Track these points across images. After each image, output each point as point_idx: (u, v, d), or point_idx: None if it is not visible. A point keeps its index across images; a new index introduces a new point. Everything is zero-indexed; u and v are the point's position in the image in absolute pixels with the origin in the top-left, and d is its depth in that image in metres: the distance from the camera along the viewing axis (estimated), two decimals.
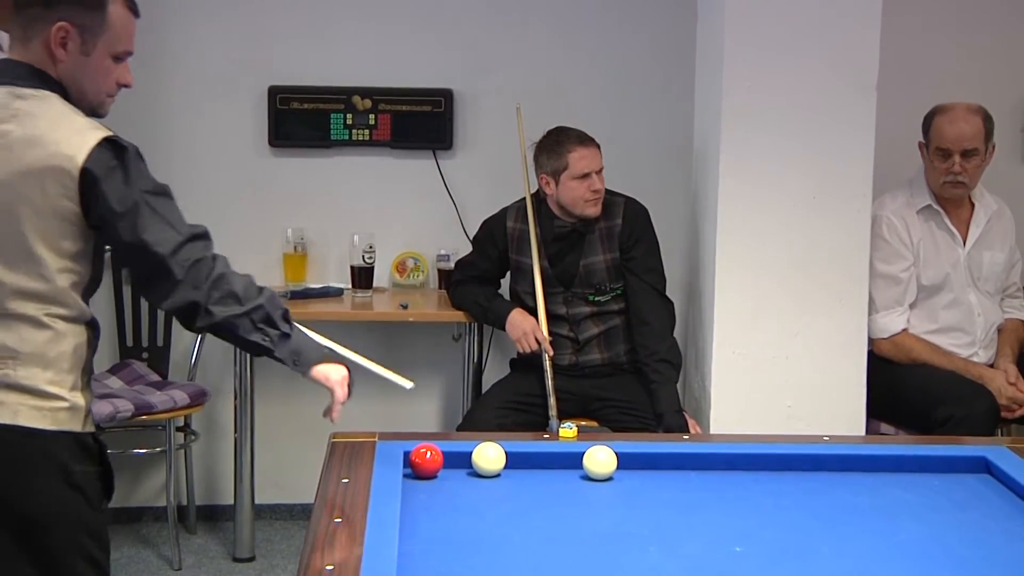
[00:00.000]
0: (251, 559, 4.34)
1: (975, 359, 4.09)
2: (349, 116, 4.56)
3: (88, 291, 2.37)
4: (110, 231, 2.29)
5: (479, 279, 4.21)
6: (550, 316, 4.02)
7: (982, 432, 3.71)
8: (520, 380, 4.09)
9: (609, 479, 2.59)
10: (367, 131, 4.58)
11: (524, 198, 4.12)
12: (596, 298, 4.06)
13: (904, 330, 4.07)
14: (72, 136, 2.26)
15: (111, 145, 2.27)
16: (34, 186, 2.24)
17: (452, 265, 4.43)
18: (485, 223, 4.22)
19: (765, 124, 3.76)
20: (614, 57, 4.61)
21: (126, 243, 2.28)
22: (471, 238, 4.36)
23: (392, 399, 4.76)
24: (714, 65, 3.87)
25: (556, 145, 3.99)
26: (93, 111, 2.38)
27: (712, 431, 3.82)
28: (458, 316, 4.27)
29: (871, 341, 4.02)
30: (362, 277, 4.49)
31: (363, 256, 4.47)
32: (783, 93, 3.75)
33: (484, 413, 3.97)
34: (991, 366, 4.09)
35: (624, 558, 2.20)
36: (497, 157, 4.52)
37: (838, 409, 3.82)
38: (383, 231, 4.54)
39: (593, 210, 3.99)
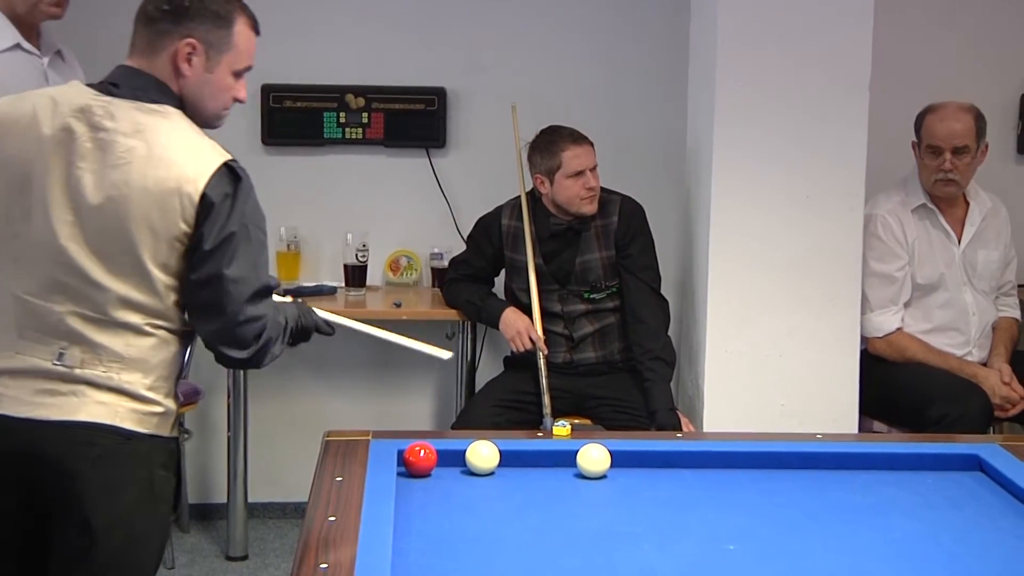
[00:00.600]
0: (244, 558, 4.33)
1: (969, 358, 4.10)
2: (342, 114, 4.56)
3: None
4: (199, 255, 2.29)
5: (473, 277, 4.20)
6: (545, 313, 4.02)
7: (975, 431, 3.71)
8: (514, 378, 4.10)
9: (603, 477, 2.59)
10: (360, 129, 4.58)
11: (519, 196, 4.12)
12: (591, 296, 4.06)
13: (899, 329, 4.07)
14: (194, 158, 2.29)
15: (229, 172, 2.31)
16: (154, 205, 2.27)
17: (445, 263, 4.43)
18: (480, 220, 4.22)
19: (758, 123, 3.76)
20: (607, 55, 4.61)
21: (208, 271, 2.29)
22: (465, 236, 4.36)
23: (386, 398, 4.78)
24: (707, 64, 3.88)
25: (549, 144, 3.99)
26: (208, 124, 2.43)
27: (705, 429, 3.83)
28: (451, 315, 4.27)
29: (865, 340, 4.03)
30: (355, 275, 4.49)
31: (356, 254, 4.46)
32: (776, 92, 3.76)
33: (478, 411, 3.97)
34: (985, 365, 4.10)
35: (618, 556, 2.20)
36: (490, 155, 4.52)
37: (831, 407, 3.83)
38: (376, 229, 4.54)
39: (589, 208, 3.99)
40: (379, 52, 4.57)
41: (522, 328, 3.99)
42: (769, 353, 3.83)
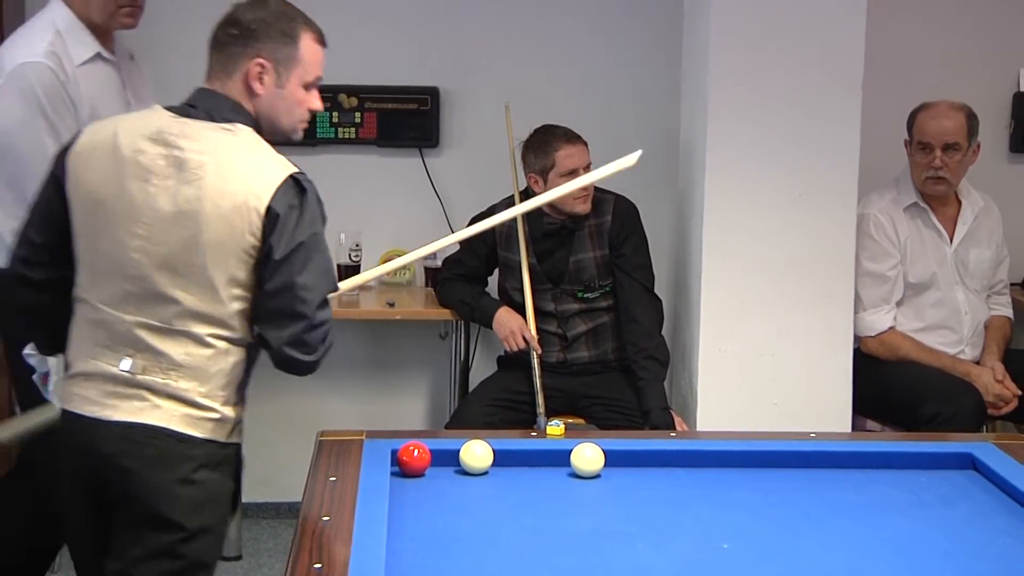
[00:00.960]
0: (238, 558, 4.33)
1: (962, 356, 4.10)
2: (335, 114, 4.55)
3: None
4: (271, 266, 2.38)
5: (466, 277, 4.20)
6: (538, 313, 4.02)
7: (968, 430, 3.72)
8: (507, 378, 4.09)
9: (596, 476, 2.59)
10: (353, 129, 4.57)
11: (513, 195, 4.12)
12: (585, 295, 4.06)
13: (891, 328, 4.08)
14: (261, 173, 2.40)
15: (294, 184, 2.41)
16: (223, 220, 2.37)
17: (439, 263, 4.42)
18: (474, 220, 4.21)
19: (751, 122, 3.76)
20: (601, 55, 4.61)
21: (280, 280, 2.38)
22: None
23: (379, 398, 4.78)
24: (700, 63, 3.88)
25: (543, 144, 3.99)
26: (286, 137, 2.55)
27: (699, 428, 3.83)
28: (445, 314, 4.26)
29: (858, 339, 4.03)
30: (348, 275, 4.45)
31: (349, 254, 4.46)
32: (769, 91, 3.76)
33: (471, 411, 3.97)
34: (978, 363, 4.10)
35: (612, 555, 2.20)
36: (484, 155, 4.52)
37: (824, 406, 3.83)
38: (370, 229, 4.53)
39: (583, 207, 3.99)
40: (372, 52, 4.57)
41: (515, 328, 3.99)
42: (762, 352, 3.83)
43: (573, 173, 3.94)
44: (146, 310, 2.40)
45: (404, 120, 4.57)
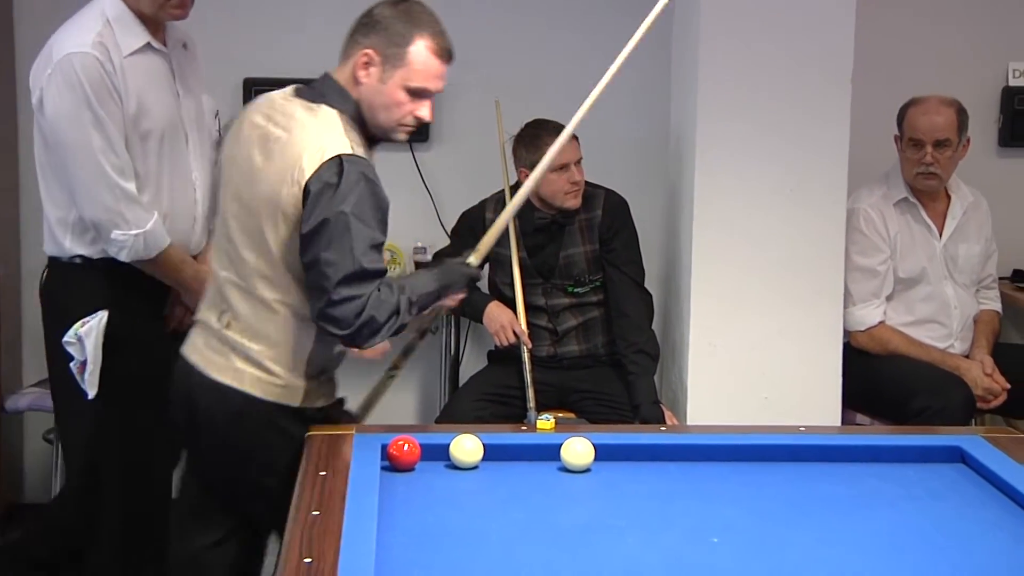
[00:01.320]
0: None
1: (951, 351, 4.12)
2: None
3: None
4: (302, 239, 2.54)
5: None
6: (529, 307, 4.02)
7: (958, 423, 3.73)
8: (498, 372, 4.10)
9: (586, 471, 2.59)
10: None
11: (503, 190, 4.12)
12: (575, 290, 4.06)
13: (881, 322, 4.09)
14: (315, 149, 2.54)
15: (337, 162, 2.52)
16: (278, 188, 2.55)
17: (429, 258, 4.42)
18: (464, 215, 4.22)
19: (741, 117, 3.77)
20: (590, 50, 4.59)
21: (309, 255, 2.53)
22: (448, 230, 4.35)
23: (367, 391, 4.76)
24: (690, 58, 3.88)
25: (534, 138, 3.99)
26: (384, 135, 2.70)
27: (689, 422, 3.84)
28: None
29: (848, 333, 4.04)
30: None
31: None
32: (759, 86, 3.77)
33: (462, 405, 3.98)
34: (967, 357, 4.11)
35: (602, 549, 2.20)
36: (473, 150, 4.52)
37: (814, 400, 3.84)
38: None
39: (573, 202, 3.99)
40: None
41: (506, 322, 3.99)
42: (752, 346, 3.84)
43: (564, 168, 3.94)
44: (232, 268, 2.65)
45: None
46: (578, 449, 2.59)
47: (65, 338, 3.11)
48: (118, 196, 3.07)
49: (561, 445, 2.60)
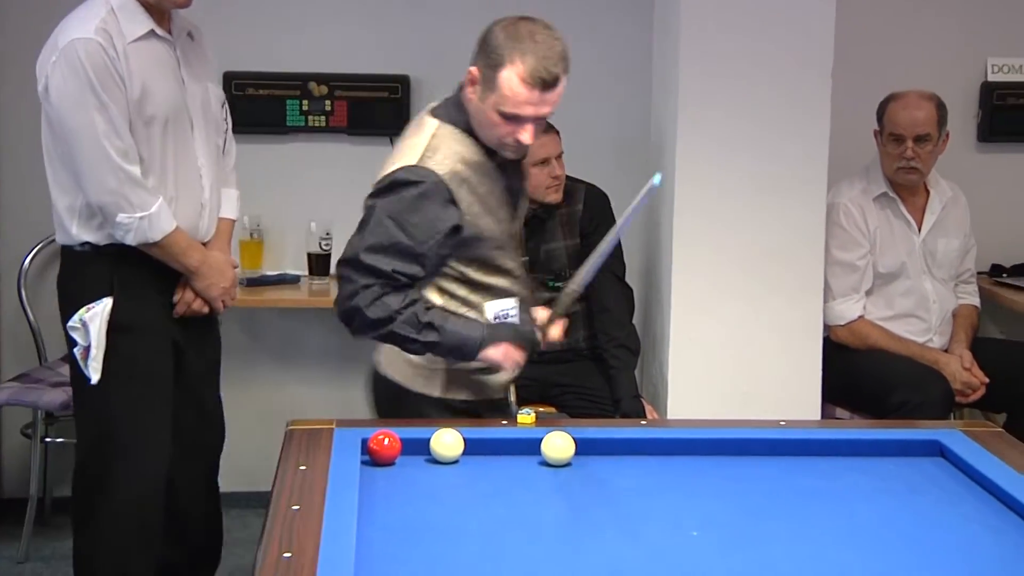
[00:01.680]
0: None
1: (931, 345, 4.13)
2: (305, 102, 4.54)
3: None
4: None
5: None
6: None
7: (937, 417, 3.75)
8: None
9: (567, 464, 2.59)
10: (323, 117, 4.56)
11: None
12: (556, 284, 4.06)
13: (861, 317, 4.10)
14: (395, 160, 2.75)
15: (392, 177, 2.70)
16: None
17: None
18: None
19: (721, 110, 3.77)
20: (571, 43, 4.59)
21: None
22: None
23: (350, 387, 4.75)
24: (670, 52, 3.88)
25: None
26: (495, 150, 2.79)
27: (669, 416, 3.84)
28: None
29: (828, 328, 4.05)
30: (319, 264, 4.47)
31: (320, 243, 4.45)
32: (738, 80, 3.77)
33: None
34: (946, 351, 4.13)
35: (582, 543, 2.20)
36: None
37: (794, 394, 3.85)
38: (340, 218, 4.49)
39: (554, 196, 3.99)
40: (342, 39, 4.55)
41: None
42: (732, 340, 3.84)
43: (545, 162, 3.94)
44: None
45: (375, 108, 4.56)
46: (558, 443, 2.59)
47: (69, 323, 3.14)
48: (122, 179, 3.09)
49: (542, 439, 2.60)
